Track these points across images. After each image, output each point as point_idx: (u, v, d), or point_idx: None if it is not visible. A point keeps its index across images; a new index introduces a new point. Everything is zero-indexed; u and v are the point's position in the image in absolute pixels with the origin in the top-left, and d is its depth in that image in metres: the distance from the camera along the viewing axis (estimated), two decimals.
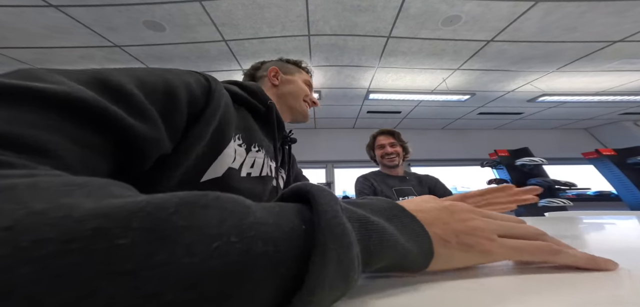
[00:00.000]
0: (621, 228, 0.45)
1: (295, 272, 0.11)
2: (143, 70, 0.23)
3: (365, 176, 1.17)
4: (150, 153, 0.21)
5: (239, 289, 0.09)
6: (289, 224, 0.12)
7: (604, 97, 2.74)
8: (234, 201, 0.11)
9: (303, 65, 0.58)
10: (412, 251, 0.16)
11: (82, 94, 0.15)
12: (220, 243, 0.09)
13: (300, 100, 0.53)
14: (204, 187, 0.30)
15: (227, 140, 0.32)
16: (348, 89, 2.66)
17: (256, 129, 0.40)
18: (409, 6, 1.55)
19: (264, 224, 0.11)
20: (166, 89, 0.23)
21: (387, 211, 0.17)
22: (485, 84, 2.56)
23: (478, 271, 0.19)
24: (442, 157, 3.87)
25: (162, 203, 0.09)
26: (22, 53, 1.93)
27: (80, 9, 1.50)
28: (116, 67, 0.21)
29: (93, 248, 0.07)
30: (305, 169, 0.68)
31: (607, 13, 1.60)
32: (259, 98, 0.41)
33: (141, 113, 0.19)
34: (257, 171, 0.39)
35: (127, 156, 0.19)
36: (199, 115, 0.27)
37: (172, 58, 2.02)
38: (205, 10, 1.55)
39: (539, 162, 2.32)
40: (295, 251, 0.11)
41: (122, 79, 0.19)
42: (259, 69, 0.55)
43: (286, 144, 0.52)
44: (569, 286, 0.16)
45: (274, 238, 0.11)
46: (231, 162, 0.32)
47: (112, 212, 0.08)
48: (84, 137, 0.15)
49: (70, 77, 0.17)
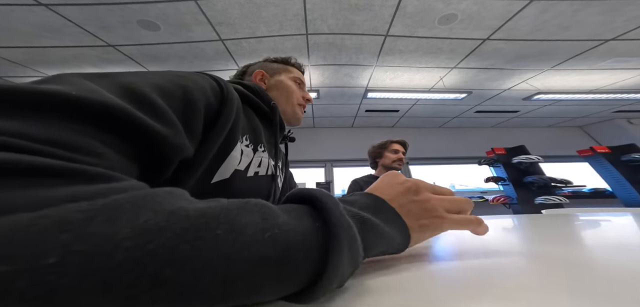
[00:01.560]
0: (616, 225, 0.46)
1: (318, 258, 0.14)
2: (158, 77, 0.23)
3: (356, 180, 1.30)
4: (174, 159, 0.21)
5: (284, 264, 0.13)
6: (305, 222, 0.15)
7: (598, 95, 2.78)
8: (266, 205, 0.15)
9: (292, 61, 0.54)
10: (396, 238, 0.21)
11: (115, 103, 0.16)
12: (270, 233, 0.13)
13: (290, 103, 0.49)
14: (213, 189, 0.31)
15: (234, 143, 0.32)
16: (346, 88, 2.66)
17: (261, 129, 0.40)
18: (405, 5, 1.55)
19: (289, 222, 0.14)
20: (185, 97, 0.23)
21: (372, 206, 0.21)
22: (481, 83, 2.58)
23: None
24: (439, 155, 3.89)
25: (229, 206, 0.13)
26: (13, 53, 1.89)
27: (71, 7, 1.47)
28: (115, 69, 0.21)
29: (202, 236, 0.11)
30: (304, 168, 0.67)
31: (599, 12, 1.63)
32: (263, 98, 0.41)
33: (165, 120, 0.20)
34: (263, 171, 0.39)
35: (153, 162, 0.19)
36: (214, 120, 0.27)
37: (167, 58, 1.99)
38: (201, 9, 1.54)
39: (535, 159, 2.34)
40: (315, 241, 0.14)
41: (144, 88, 0.20)
42: (245, 74, 0.53)
43: (284, 143, 0.52)
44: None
45: (300, 232, 0.14)
46: (237, 164, 0.33)
47: (207, 212, 0.12)
48: (120, 144, 0.16)
49: (98, 84, 0.17)
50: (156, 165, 0.20)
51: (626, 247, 0.28)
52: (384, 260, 0.23)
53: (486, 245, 0.29)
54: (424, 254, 0.26)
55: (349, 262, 0.15)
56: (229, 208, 0.13)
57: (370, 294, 0.16)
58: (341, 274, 0.15)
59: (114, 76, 0.19)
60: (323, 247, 0.14)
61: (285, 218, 0.14)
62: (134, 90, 0.19)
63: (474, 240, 0.31)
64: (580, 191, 3.08)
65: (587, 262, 0.23)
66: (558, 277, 0.17)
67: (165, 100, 0.20)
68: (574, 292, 0.15)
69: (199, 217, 0.12)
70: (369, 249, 0.18)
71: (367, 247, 0.17)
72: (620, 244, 0.31)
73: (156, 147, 0.19)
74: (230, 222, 0.12)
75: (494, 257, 0.24)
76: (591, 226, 0.46)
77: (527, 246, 0.32)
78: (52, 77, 0.16)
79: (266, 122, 0.42)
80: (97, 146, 0.14)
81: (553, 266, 0.19)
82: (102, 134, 0.15)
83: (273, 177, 0.43)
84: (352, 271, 0.16)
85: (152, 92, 0.20)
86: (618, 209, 1.20)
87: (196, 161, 0.26)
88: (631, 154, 2.19)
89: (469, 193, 3.47)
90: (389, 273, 0.20)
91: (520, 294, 0.15)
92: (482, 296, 0.15)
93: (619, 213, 0.71)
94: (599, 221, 0.50)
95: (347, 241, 0.15)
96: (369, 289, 0.17)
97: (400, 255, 0.24)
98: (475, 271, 0.19)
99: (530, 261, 0.21)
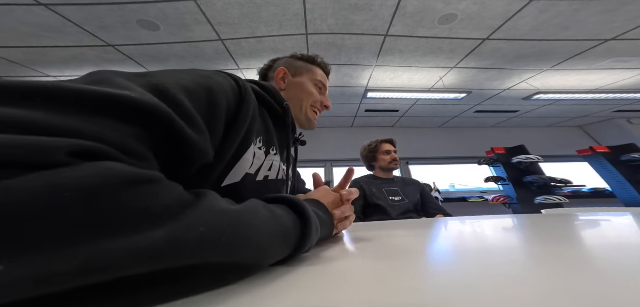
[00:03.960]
0: (616, 225, 0.46)
1: (299, 235, 0.24)
2: (186, 77, 0.23)
3: (356, 180, 1.29)
4: (197, 161, 0.22)
5: (284, 238, 0.22)
6: (292, 216, 0.24)
7: (598, 95, 2.78)
8: (267, 206, 0.22)
9: (318, 61, 0.52)
10: (331, 230, 0.34)
11: (154, 103, 0.17)
12: (277, 221, 0.22)
13: (304, 109, 0.48)
14: (223, 194, 0.30)
15: (248, 145, 0.31)
16: (346, 88, 2.66)
17: (273, 130, 0.39)
18: (405, 5, 1.55)
19: (283, 215, 0.23)
20: (209, 100, 0.24)
21: (321, 207, 0.33)
22: (481, 82, 2.58)
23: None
24: (439, 155, 3.89)
25: (243, 209, 0.19)
26: (12, 53, 1.89)
27: (71, 7, 1.47)
28: (119, 68, 0.22)
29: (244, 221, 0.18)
30: (304, 168, 0.67)
31: (599, 12, 1.63)
32: (276, 99, 0.40)
33: (193, 124, 0.20)
34: (274, 175, 0.38)
35: (180, 162, 0.20)
36: (233, 123, 0.27)
37: (167, 58, 1.99)
38: (201, 9, 1.53)
39: (535, 159, 2.34)
40: (299, 226, 0.24)
41: (174, 89, 0.20)
42: (271, 69, 0.51)
43: (295, 146, 0.51)
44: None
45: (291, 220, 0.23)
46: (248, 167, 0.32)
47: (244, 209, 0.19)
48: (155, 143, 0.17)
49: (136, 83, 0.18)
50: (178, 166, 0.20)
51: (626, 247, 0.28)
52: (384, 260, 0.23)
53: (486, 245, 0.29)
54: (424, 254, 0.26)
55: (315, 237, 0.26)
56: (256, 205, 0.21)
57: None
58: (309, 244, 0.25)
59: (146, 77, 0.20)
60: (302, 231, 0.24)
61: (280, 212, 0.23)
62: (163, 91, 0.19)
63: (474, 240, 0.31)
64: (580, 190, 3.08)
65: (587, 262, 0.23)
66: (558, 277, 0.17)
67: (192, 103, 0.21)
68: (574, 292, 0.15)
69: (240, 214, 0.18)
70: (321, 232, 0.29)
71: (321, 231, 0.29)
72: (620, 244, 0.31)
73: (186, 152, 0.20)
74: (254, 214, 0.19)
75: (494, 257, 0.24)
76: (591, 225, 0.46)
77: (527, 246, 0.32)
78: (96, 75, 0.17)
79: (279, 123, 0.41)
80: (146, 150, 0.16)
81: (553, 266, 0.19)
82: (148, 136, 0.16)
83: (283, 181, 0.42)
84: (314, 243, 0.27)
85: (181, 94, 0.20)
86: (618, 209, 1.20)
87: (215, 163, 0.26)
88: (631, 154, 2.19)
89: (469, 193, 3.47)
90: (388, 272, 0.20)
91: (520, 294, 0.15)
92: (482, 296, 0.15)
93: (619, 213, 0.71)
94: (599, 221, 0.50)
95: (315, 226, 0.26)
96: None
97: (400, 254, 0.25)
98: (475, 270, 0.19)
99: (530, 260, 0.21)
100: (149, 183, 0.13)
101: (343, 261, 0.25)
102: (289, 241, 0.22)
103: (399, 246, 0.32)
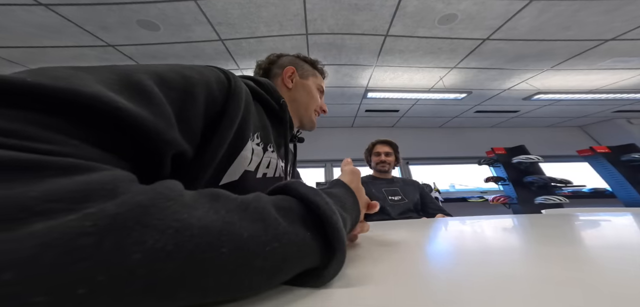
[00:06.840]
0: (616, 225, 0.46)
1: (323, 238, 0.18)
2: (165, 67, 0.22)
3: None
4: (164, 153, 0.19)
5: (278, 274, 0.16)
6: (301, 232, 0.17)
7: (598, 95, 2.77)
8: (266, 210, 0.16)
9: (319, 66, 0.53)
10: (358, 217, 0.27)
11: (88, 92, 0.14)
12: (270, 248, 0.15)
13: (310, 111, 0.49)
14: None
15: (245, 141, 0.30)
16: (346, 88, 2.66)
17: (270, 127, 0.38)
18: (405, 5, 1.55)
19: (288, 232, 0.16)
20: (184, 87, 0.22)
21: (343, 198, 0.25)
22: (481, 82, 2.58)
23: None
24: (439, 155, 3.89)
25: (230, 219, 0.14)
26: (12, 52, 1.89)
27: (71, 7, 1.47)
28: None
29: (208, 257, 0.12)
30: (304, 168, 0.67)
31: (599, 12, 1.62)
32: (273, 95, 0.39)
33: (149, 104, 0.18)
34: (271, 172, 0.37)
35: (141, 155, 0.18)
36: (219, 118, 0.26)
37: (167, 58, 1.99)
38: (201, 9, 1.53)
39: (535, 159, 2.34)
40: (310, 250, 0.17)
41: (141, 74, 0.19)
42: (275, 64, 0.50)
43: (293, 142, 0.51)
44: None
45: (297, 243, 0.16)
46: (247, 164, 0.31)
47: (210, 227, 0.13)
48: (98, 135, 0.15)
49: (96, 76, 0.16)
50: (146, 160, 0.18)
51: (626, 247, 0.28)
52: (382, 259, 0.23)
53: (486, 245, 0.29)
54: (423, 253, 0.26)
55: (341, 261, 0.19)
56: (232, 221, 0.14)
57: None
58: (338, 268, 0.18)
59: (114, 66, 0.18)
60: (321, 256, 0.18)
61: (284, 227, 0.16)
62: (128, 77, 0.18)
63: (474, 240, 0.31)
64: (580, 190, 3.08)
65: (587, 261, 0.23)
66: (558, 277, 0.17)
67: (161, 89, 0.19)
68: (574, 292, 0.15)
69: (204, 235, 0.12)
70: (347, 226, 0.23)
71: (347, 224, 0.23)
72: (620, 244, 0.31)
73: (140, 138, 0.17)
74: (233, 239, 0.13)
75: (493, 257, 0.24)
76: (591, 225, 0.46)
77: (527, 246, 0.32)
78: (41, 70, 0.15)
79: (275, 120, 0.40)
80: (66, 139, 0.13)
81: (553, 266, 0.19)
82: (74, 125, 0.14)
83: (281, 179, 0.41)
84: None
85: (149, 79, 0.19)
86: (618, 209, 1.20)
87: (204, 163, 0.25)
88: (631, 154, 2.19)
89: (469, 193, 3.46)
90: (387, 271, 0.20)
91: (519, 293, 0.15)
92: (482, 296, 0.15)
93: (619, 213, 0.70)
94: (599, 221, 0.50)
95: (341, 253, 0.18)
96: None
97: (400, 253, 0.24)
98: (475, 270, 0.19)
99: (530, 260, 0.21)
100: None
101: None
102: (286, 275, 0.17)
103: (399, 245, 0.31)
